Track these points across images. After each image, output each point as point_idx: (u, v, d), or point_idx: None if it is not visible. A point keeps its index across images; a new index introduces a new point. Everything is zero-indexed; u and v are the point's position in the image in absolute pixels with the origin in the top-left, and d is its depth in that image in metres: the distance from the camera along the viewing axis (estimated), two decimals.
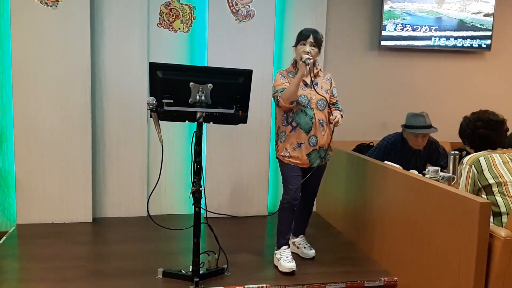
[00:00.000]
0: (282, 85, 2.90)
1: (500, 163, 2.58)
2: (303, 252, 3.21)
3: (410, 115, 3.58)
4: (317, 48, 2.90)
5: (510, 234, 2.27)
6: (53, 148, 3.74)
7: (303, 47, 2.87)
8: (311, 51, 2.86)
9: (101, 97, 3.89)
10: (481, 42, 4.53)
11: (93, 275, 2.87)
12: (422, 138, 3.54)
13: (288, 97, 2.83)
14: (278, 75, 2.99)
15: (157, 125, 2.74)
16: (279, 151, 3.00)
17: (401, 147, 3.61)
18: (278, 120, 3.01)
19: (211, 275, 2.84)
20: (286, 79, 2.95)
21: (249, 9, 3.95)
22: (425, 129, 3.50)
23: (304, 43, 2.88)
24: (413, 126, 3.52)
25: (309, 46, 2.87)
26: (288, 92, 2.83)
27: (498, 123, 2.67)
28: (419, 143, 3.56)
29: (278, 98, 2.89)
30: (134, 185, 3.98)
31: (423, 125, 3.50)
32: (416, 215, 2.75)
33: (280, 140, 3.00)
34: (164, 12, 3.93)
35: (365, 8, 4.38)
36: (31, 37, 3.61)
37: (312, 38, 2.87)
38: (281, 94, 2.87)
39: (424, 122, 3.51)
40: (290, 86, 2.83)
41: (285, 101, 2.84)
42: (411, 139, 3.57)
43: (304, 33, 2.91)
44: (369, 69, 4.45)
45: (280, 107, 2.91)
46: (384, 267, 3.08)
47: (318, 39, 2.90)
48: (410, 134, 3.55)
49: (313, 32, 2.90)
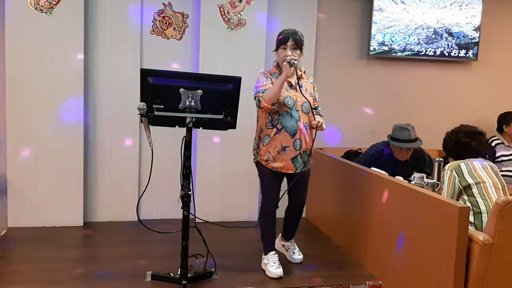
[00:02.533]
0: (265, 86, 2.86)
1: (479, 168, 2.71)
2: (292, 256, 3.25)
3: (396, 128, 3.63)
4: (299, 49, 2.85)
5: (488, 238, 2.34)
6: (45, 153, 3.78)
7: (284, 51, 2.83)
8: (293, 54, 2.81)
9: (94, 103, 3.94)
10: (468, 51, 4.62)
11: (83, 278, 2.91)
12: (406, 151, 3.61)
13: (270, 97, 2.78)
14: (261, 75, 2.95)
15: (147, 130, 2.79)
16: (262, 155, 2.94)
17: (388, 156, 3.68)
18: (261, 123, 2.95)
19: (199, 278, 2.89)
20: (269, 80, 2.90)
21: (240, 18, 4.03)
22: (409, 143, 3.55)
23: (284, 47, 2.85)
24: (398, 139, 3.57)
25: (290, 50, 2.83)
26: (271, 93, 2.78)
27: (478, 133, 2.86)
28: (403, 156, 3.64)
29: (259, 98, 2.84)
30: (126, 190, 4.03)
31: (408, 139, 3.55)
32: (400, 220, 2.81)
33: (262, 144, 2.94)
34: (157, 19, 4.00)
35: (354, 17, 4.47)
36: (26, 42, 3.66)
37: (292, 41, 2.83)
38: (263, 94, 2.82)
39: (409, 136, 3.56)
40: (274, 87, 2.79)
41: (267, 102, 2.79)
42: (396, 151, 3.65)
43: (283, 36, 2.85)
44: (358, 77, 4.53)
45: (261, 107, 2.84)
46: (370, 271, 3.14)
47: (298, 40, 2.85)
48: (395, 146, 3.62)
49: (292, 34, 2.85)
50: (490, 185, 2.63)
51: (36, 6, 3.65)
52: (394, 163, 3.67)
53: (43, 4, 3.65)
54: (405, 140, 3.55)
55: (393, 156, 3.67)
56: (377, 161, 3.66)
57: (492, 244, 2.33)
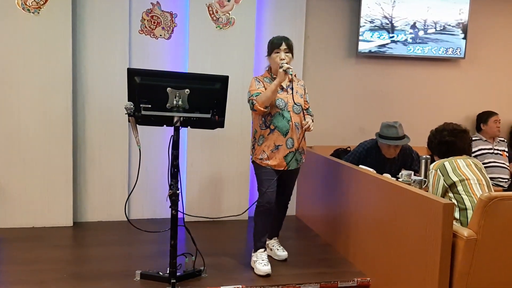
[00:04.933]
0: (257, 90, 2.99)
1: (463, 166, 2.74)
2: (276, 254, 3.28)
3: (384, 126, 3.67)
4: (291, 53, 3.01)
5: (472, 234, 2.37)
6: (34, 153, 3.77)
7: (278, 55, 2.97)
8: (286, 57, 2.96)
9: (83, 103, 3.93)
10: (455, 50, 4.66)
11: (72, 278, 2.91)
12: (394, 148, 3.67)
13: (263, 101, 2.91)
14: (253, 80, 3.07)
15: (134, 129, 2.79)
16: (257, 154, 3.07)
17: (376, 153, 3.72)
18: (255, 124, 3.09)
19: (188, 277, 2.90)
20: (261, 84, 3.03)
21: (229, 17, 4.04)
22: (396, 140, 3.60)
23: (278, 51, 2.98)
24: (386, 137, 3.62)
25: (284, 53, 2.96)
26: (264, 97, 2.91)
27: (461, 131, 2.88)
28: (391, 153, 3.69)
29: (253, 101, 2.96)
30: (115, 190, 4.03)
31: (396, 137, 3.60)
32: (388, 217, 2.84)
33: (257, 144, 3.07)
34: (146, 19, 4.00)
35: (343, 15, 4.49)
36: (13, 43, 3.65)
37: (285, 45, 2.98)
38: (256, 98, 2.95)
39: (397, 133, 3.61)
40: (267, 91, 2.92)
41: (260, 105, 2.92)
42: (384, 148, 3.69)
43: (276, 41, 3.00)
44: (347, 75, 4.56)
45: (255, 110, 2.97)
46: (358, 268, 3.16)
47: (290, 45, 3.01)
48: (383, 144, 3.67)
49: (284, 39, 3.00)
50: (474, 182, 2.67)
51: (23, 6, 3.63)
52: (382, 161, 3.70)
53: (30, 4, 3.64)
54: (392, 137, 3.60)
55: (381, 154, 3.71)
56: (365, 158, 3.70)
57: (476, 240, 2.36)
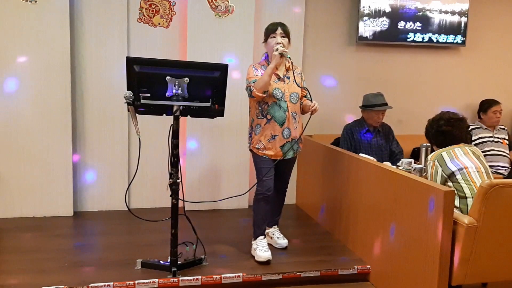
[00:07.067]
0: (255, 77, 2.99)
1: (461, 155, 2.73)
2: (277, 242, 3.29)
3: (371, 95, 3.89)
4: (287, 38, 3.00)
5: (473, 221, 2.37)
6: (34, 143, 3.76)
7: (274, 39, 2.96)
8: (282, 41, 2.95)
9: (82, 92, 3.91)
10: (456, 37, 4.63)
11: (73, 267, 2.92)
12: (382, 114, 3.88)
13: (261, 86, 2.90)
14: (250, 67, 3.07)
15: (134, 119, 2.79)
16: (254, 143, 3.08)
17: (361, 128, 3.88)
18: (253, 114, 3.09)
19: (189, 265, 2.91)
20: (258, 71, 3.02)
21: (228, 5, 4.00)
22: (385, 106, 3.87)
23: (274, 36, 2.98)
24: (375, 105, 3.82)
25: (280, 37, 2.96)
26: (261, 82, 2.91)
27: (458, 120, 2.86)
28: (379, 118, 3.87)
29: (251, 88, 2.96)
30: (115, 179, 4.02)
31: (384, 103, 3.87)
32: (388, 205, 2.84)
33: (254, 133, 3.07)
34: (144, 7, 3.96)
35: (343, 3, 4.45)
36: (10, 31, 3.62)
37: (280, 30, 2.98)
38: (254, 84, 2.95)
39: (384, 100, 3.89)
40: (264, 76, 2.91)
41: (258, 91, 2.91)
42: (372, 117, 3.85)
43: (272, 27, 3.01)
44: (347, 63, 4.53)
45: (253, 97, 2.97)
46: (358, 255, 3.18)
47: (286, 30, 3.01)
48: (372, 112, 3.84)
49: (280, 24, 3.01)
50: (473, 170, 2.66)
51: None
52: (370, 132, 3.88)
53: None
54: (382, 104, 3.85)
55: (365, 127, 3.86)
56: (353, 135, 3.87)
57: (477, 227, 2.37)
